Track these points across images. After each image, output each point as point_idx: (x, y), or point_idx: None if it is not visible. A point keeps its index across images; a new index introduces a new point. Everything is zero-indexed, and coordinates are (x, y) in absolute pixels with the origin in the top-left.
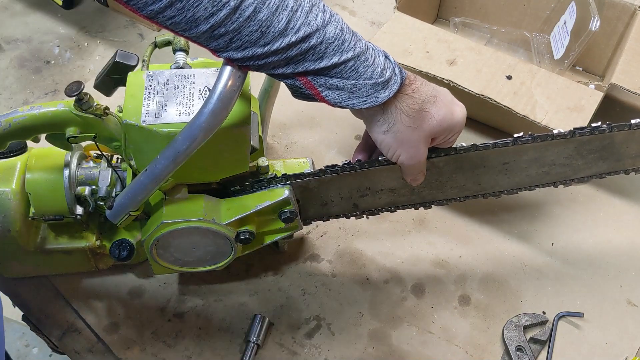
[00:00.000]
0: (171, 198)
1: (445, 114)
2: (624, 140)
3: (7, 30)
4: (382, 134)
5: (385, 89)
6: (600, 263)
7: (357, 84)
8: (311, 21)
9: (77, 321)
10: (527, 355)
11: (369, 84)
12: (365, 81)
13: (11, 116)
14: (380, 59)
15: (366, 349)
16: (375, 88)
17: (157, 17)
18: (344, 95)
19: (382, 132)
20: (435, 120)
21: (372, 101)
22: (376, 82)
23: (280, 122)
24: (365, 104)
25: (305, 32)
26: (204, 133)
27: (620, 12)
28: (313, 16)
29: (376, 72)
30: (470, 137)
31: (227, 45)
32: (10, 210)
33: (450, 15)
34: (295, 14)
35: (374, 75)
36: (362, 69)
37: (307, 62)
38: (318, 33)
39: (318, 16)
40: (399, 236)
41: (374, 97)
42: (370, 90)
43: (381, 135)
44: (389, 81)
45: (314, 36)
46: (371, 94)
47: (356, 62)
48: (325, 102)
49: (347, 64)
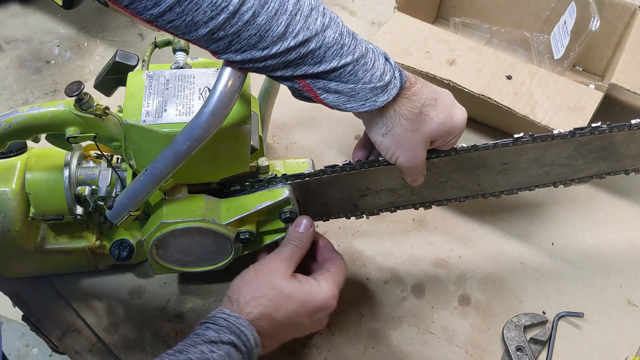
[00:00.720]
0: (171, 198)
1: (445, 118)
2: (624, 140)
3: (7, 30)
4: (380, 136)
5: (384, 93)
6: (600, 263)
7: (355, 87)
8: (310, 25)
9: (77, 321)
10: (527, 355)
11: (368, 88)
12: (364, 85)
13: (11, 116)
14: (380, 62)
15: (366, 349)
16: (374, 92)
17: (156, 20)
18: (343, 98)
19: (380, 134)
20: (434, 123)
21: (370, 105)
22: (375, 87)
23: (280, 122)
24: (363, 108)
25: (305, 37)
26: (204, 133)
27: (620, 12)
28: (312, 20)
29: (375, 76)
30: (470, 137)
31: (227, 48)
32: (10, 210)
33: (450, 15)
34: (294, 18)
35: (373, 79)
36: (361, 73)
37: (306, 65)
38: (317, 37)
39: (317, 20)
40: (399, 236)
41: (372, 101)
42: (369, 94)
43: (380, 138)
44: (389, 85)
45: (313, 40)
46: (370, 97)
47: (355, 66)
48: (324, 104)
49: (346, 68)
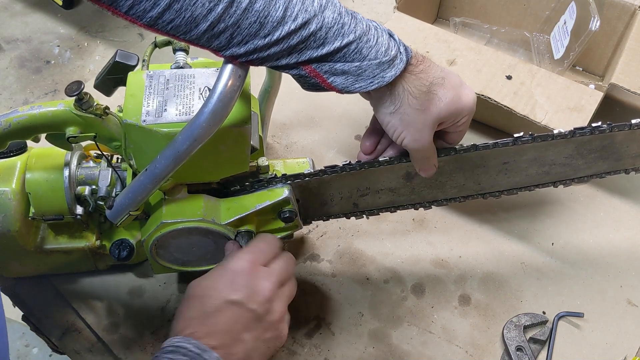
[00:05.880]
0: (171, 198)
1: (453, 97)
2: (624, 140)
3: (7, 30)
4: (388, 115)
5: (392, 68)
6: (600, 263)
7: (362, 65)
8: (308, 7)
9: (77, 321)
10: (527, 355)
11: (374, 64)
12: (370, 62)
13: (11, 116)
14: (384, 38)
15: (366, 348)
16: (381, 67)
17: (156, 23)
18: (351, 79)
19: (388, 113)
20: (442, 103)
21: (379, 82)
22: (381, 62)
23: (280, 122)
24: (372, 86)
25: (304, 19)
26: (204, 133)
27: (620, 12)
28: (310, 2)
29: (380, 52)
30: (470, 137)
31: (229, 41)
32: (10, 210)
33: (450, 15)
34: (291, 1)
35: (378, 55)
36: (366, 50)
37: (309, 49)
38: (316, 18)
39: (315, 1)
40: (399, 236)
41: (380, 78)
42: (376, 70)
43: (387, 117)
44: (395, 59)
45: (312, 22)
46: (377, 74)
47: (359, 43)
48: (333, 89)
49: (350, 47)
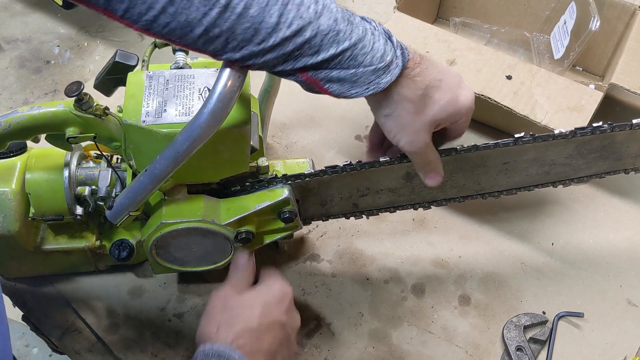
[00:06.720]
0: (171, 198)
1: (449, 99)
2: (624, 139)
3: (7, 30)
4: (383, 117)
5: (387, 74)
6: (600, 263)
7: (357, 72)
8: (303, 14)
9: (77, 321)
10: (527, 355)
11: (370, 71)
12: (366, 68)
13: (11, 116)
14: (380, 43)
15: (366, 348)
16: (376, 74)
17: (152, 27)
18: (347, 85)
19: (384, 115)
20: (437, 106)
21: (374, 88)
22: (377, 68)
23: (280, 122)
24: (368, 92)
25: (299, 25)
26: (203, 133)
27: (620, 12)
28: (305, 8)
29: (376, 58)
30: (470, 137)
31: (224, 46)
32: (10, 211)
33: (450, 15)
34: (286, 7)
35: (373, 61)
36: (361, 57)
37: (304, 57)
38: (312, 25)
39: (310, 8)
40: (399, 236)
41: (376, 84)
42: (371, 77)
43: (383, 119)
44: (390, 65)
45: (307, 29)
46: (373, 80)
47: (354, 50)
48: (330, 95)
49: (345, 54)
